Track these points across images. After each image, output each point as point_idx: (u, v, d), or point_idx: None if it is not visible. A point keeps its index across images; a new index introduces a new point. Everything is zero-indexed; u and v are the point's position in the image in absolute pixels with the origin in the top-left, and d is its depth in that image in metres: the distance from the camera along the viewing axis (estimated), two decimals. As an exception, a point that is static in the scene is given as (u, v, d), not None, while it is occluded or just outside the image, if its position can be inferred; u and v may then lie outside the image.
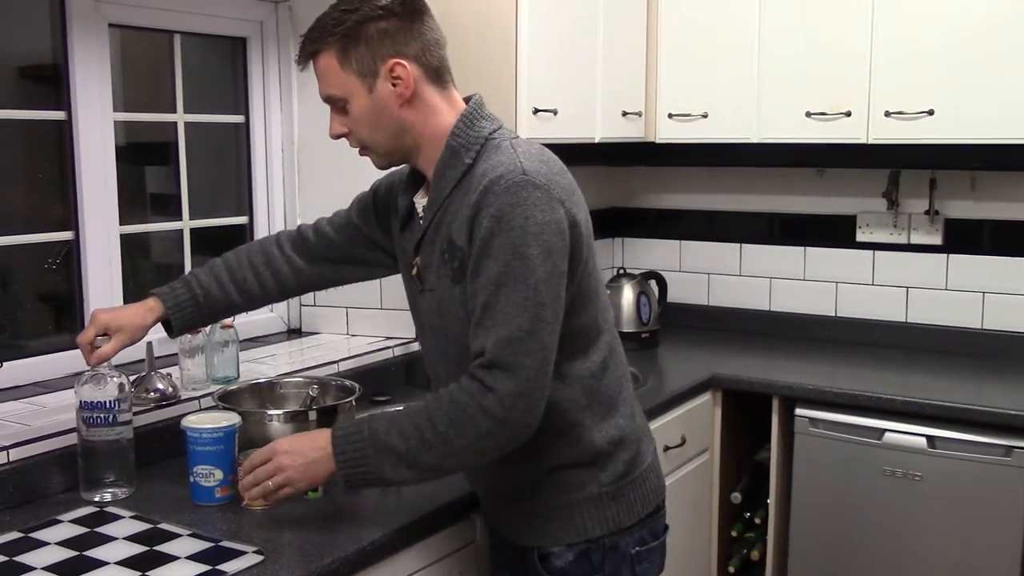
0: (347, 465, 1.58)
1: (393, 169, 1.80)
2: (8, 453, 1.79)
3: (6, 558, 1.55)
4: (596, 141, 2.92)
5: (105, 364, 1.80)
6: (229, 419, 1.79)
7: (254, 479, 1.66)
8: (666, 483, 1.82)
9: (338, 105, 1.64)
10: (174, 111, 2.56)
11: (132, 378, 2.02)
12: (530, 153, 1.58)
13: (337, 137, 1.68)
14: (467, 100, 1.68)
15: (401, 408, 1.60)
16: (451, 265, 1.59)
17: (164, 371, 2.15)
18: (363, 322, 2.72)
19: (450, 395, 1.53)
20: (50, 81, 2.27)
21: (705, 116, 3.08)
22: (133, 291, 2.43)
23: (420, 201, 1.72)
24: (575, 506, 1.65)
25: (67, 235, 2.30)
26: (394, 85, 1.59)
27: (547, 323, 1.51)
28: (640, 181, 3.62)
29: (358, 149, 1.70)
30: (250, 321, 2.66)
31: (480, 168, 1.58)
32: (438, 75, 1.64)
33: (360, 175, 2.70)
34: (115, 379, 1.80)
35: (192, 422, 1.78)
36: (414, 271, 1.71)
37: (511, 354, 1.48)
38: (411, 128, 1.63)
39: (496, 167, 1.55)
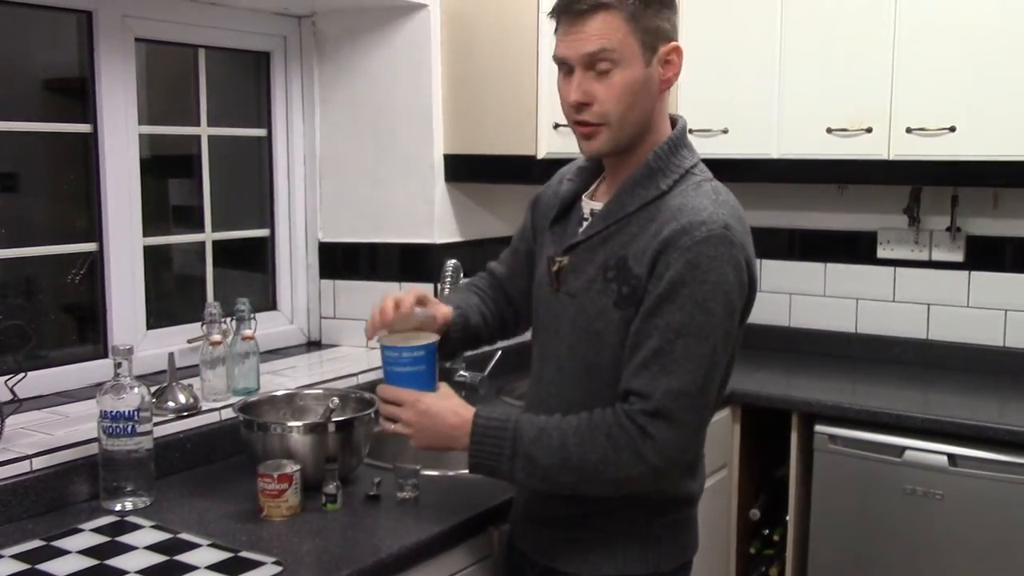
0: (478, 455, 1.56)
1: (557, 177, 1.76)
2: (31, 462, 1.81)
3: (28, 566, 1.57)
4: (616, 156, 2.92)
5: (127, 375, 1.82)
6: (428, 337, 1.65)
7: (383, 411, 1.64)
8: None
9: (599, 67, 1.50)
10: (198, 124, 2.59)
11: (154, 389, 2.04)
12: (728, 204, 1.53)
13: (577, 104, 1.53)
14: (673, 122, 1.63)
15: (546, 419, 1.55)
16: (616, 287, 1.53)
17: (185, 382, 2.17)
18: (382, 335, 2.73)
19: (608, 429, 1.48)
20: (76, 94, 2.30)
21: (725, 131, 3.08)
22: (155, 303, 2.46)
23: (591, 202, 1.64)
24: (622, 540, 1.61)
25: (91, 246, 2.32)
26: (662, 69, 1.53)
27: (715, 383, 1.49)
28: (660, 196, 3.61)
29: (590, 124, 1.54)
30: (270, 333, 2.68)
31: (675, 201, 1.52)
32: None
33: (382, 190, 2.74)
34: (136, 390, 1.81)
35: (389, 340, 1.65)
36: (555, 268, 1.63)
37: (679, 408, 1.45)
38: (653, 121, 1.56)
39: (698, 211, 1.49)
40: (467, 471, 2.02)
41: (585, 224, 1.63)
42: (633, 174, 1.57)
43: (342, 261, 2.81)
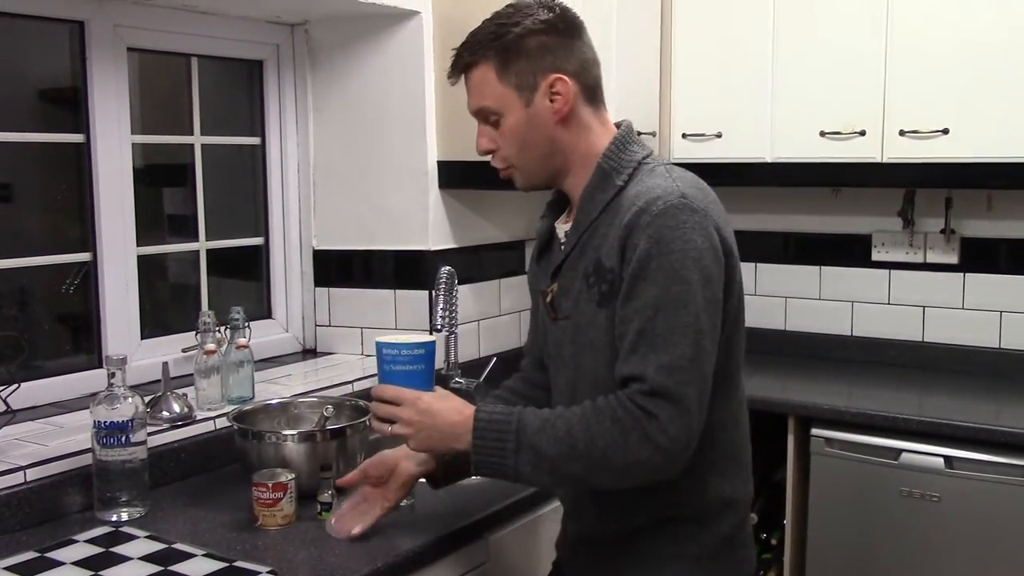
0: (482, 452, 1.50)
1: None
2: (25, 473, 1.80)
3: (22, 578, 1.57)
4: (610, 161, 2.92)
5: (120, 385, 1.81)
6: (426, 337, 1.63)
7: (378, 411, 1.59)
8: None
9: (489, 119, 1.59)
10: (191, 133, 2.59)
11: (148, 398, 2.03)
12: (685, 179, 1.53)
13: (484, 153, 1.63)
14: (617, 125, 1.64)
15: (550, 410, 1.51)
16: (598, 288, 1.52)
17: (180, 391, 2.16)
18: (378, 342, 2.73)
19: (613, 413, 1.43)
20: (69, 104, 2.29)
21: (719, 136, 3.09)
22: (150, 312, 2.45)
23: (562, 226, 1.65)
24: (669, 562, 1.57)
25: (85, 256, 2.32)
26: (552, 101, 1.55)
27: (707, 352, 1.44)
28: (654, 201, 3.61)
29: (501, 168, 1.64)
30: (265, 342, 2.68)
31: (632, 191, 1.52)
32: (593, 95, 1.61)
33: (376, 197, 2.74)
34: (130, 400, 1.81)
35: (388, 338, 1.61)
36: (548, 299, 1.64)
37: (674, 383, 1.41)
38: (562, 148, 1.58)
39: (652, 189, 1.49)
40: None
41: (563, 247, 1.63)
42: (589, 181, 1.58)
43: (336, 269, 2.81)
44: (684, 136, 3.14)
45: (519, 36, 1.54)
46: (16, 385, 2.00)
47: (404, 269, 2.72)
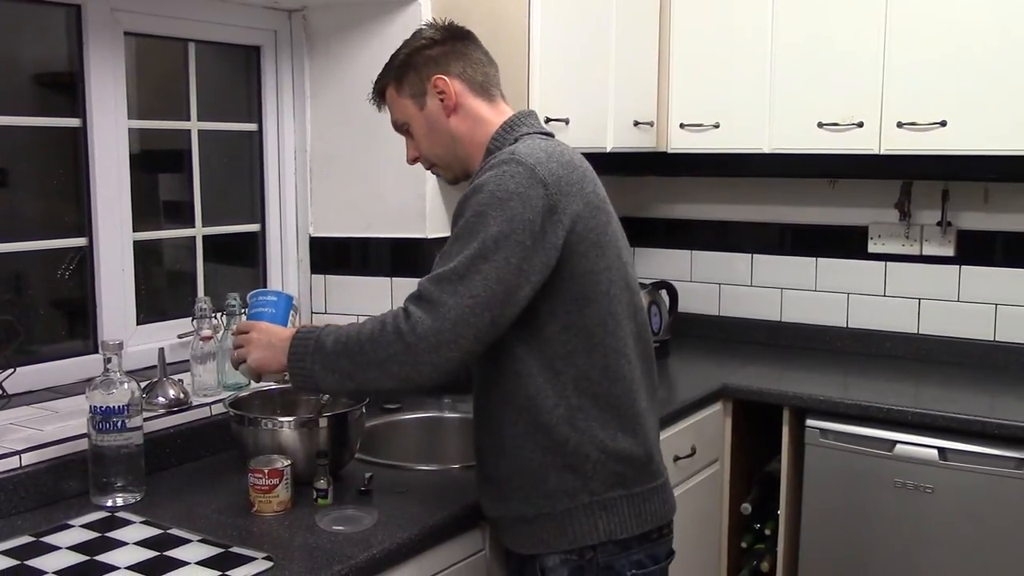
0: (292, 359, 1.65)
1: None
2: (20, 458, 1.80)
3: (17, 562, 1.56)
4: (608, 151, 2.93)
5: (116, 371, 1.81)
6: (289, 294, 1.88)
7: (235, 343, 1.79)
8: (675, 493, 1.81)
9: (404, 130, 1.82)
10: (188, 119, 2.58)
11: (144, 384, 2.03)
12: (536, 145, 1.66)
13: (412, 161, 1.85)
14: None
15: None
16: None
17: (176, 377, 2.16)
18: (374, 330, 2.72)
19: (384, 316, 1.60)
20: (66, 88, 2.28)
21: (717, 126, 3.08)
22: (146, 298, 2.45)
23: None
24: (567, 515, 1.65)
25: (81, 241, 2.31)
26: (441, 100, 1.76)
27: (484, 277, 1.54)
28: (651, 191, 3.62)
29: (428, 168, 1.86)
30: (261, 328, 2.67)
31: None
32: (483, 89, 1.79)
33: (373, 184, 2.73)
34: (126, 385, 1.81)
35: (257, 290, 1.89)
36: None
37: (436, 290, 1.56)
38: (461, 138, 1.77)
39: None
40: (456, 466, 2.03)
41: None
42: (482, 163, 1.74)
43: (333, 256, 2.81)
44: (682, 126, 3.14)
45: (408, 55, 1.79)
46: (12, 370, 2.00)
47: (401, 256, 2.72)
